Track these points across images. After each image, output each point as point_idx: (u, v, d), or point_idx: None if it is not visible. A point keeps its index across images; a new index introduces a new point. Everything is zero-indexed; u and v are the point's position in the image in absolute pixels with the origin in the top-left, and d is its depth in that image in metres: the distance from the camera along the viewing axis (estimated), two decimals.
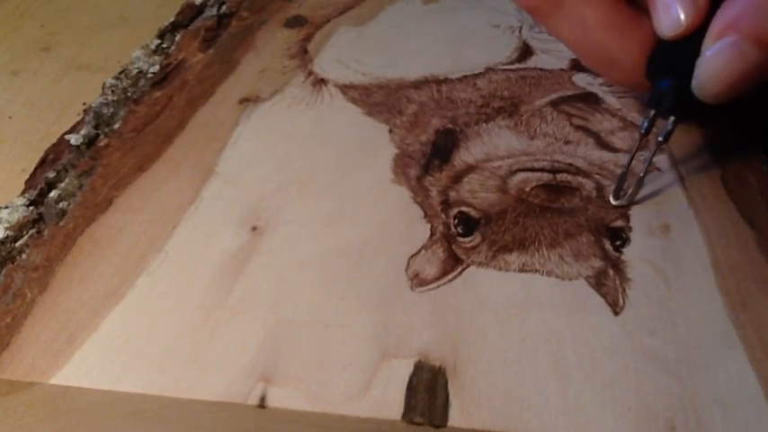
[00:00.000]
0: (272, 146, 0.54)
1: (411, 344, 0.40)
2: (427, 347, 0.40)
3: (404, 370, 0.38)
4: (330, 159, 0.53)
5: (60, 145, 0.53)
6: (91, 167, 0.50)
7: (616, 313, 0.40)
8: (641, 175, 0.48)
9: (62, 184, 0.49)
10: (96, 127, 0.54)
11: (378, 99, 0.57)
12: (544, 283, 0.44)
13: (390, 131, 0.53)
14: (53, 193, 0.48)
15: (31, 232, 0.46)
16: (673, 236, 0.46)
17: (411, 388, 0.37)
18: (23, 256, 0.44)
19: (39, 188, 0.49)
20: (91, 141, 0.54)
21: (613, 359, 0.39)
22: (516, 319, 0.41)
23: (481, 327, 0.40)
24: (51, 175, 0.51)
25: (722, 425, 0.37)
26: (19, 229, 0.46)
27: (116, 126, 0.54)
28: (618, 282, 0.42)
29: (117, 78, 0.59)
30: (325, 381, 0.38)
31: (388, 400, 0.38)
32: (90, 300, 0.42)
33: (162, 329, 0.41)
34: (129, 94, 0.57)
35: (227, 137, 0.53)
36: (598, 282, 0.42)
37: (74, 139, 0.53)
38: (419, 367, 0.38)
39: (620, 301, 0.41)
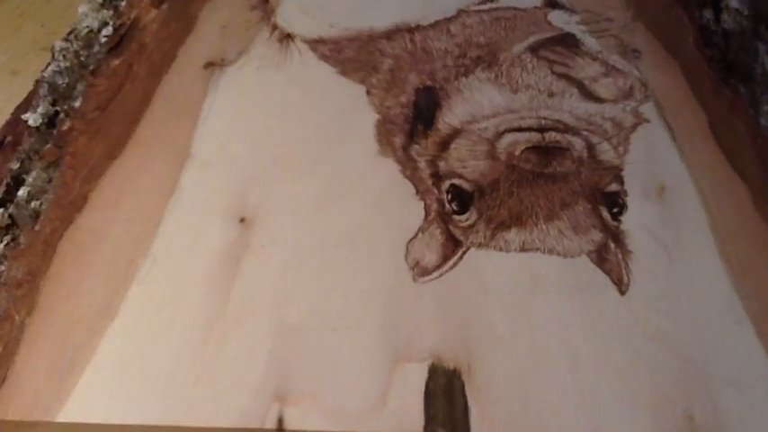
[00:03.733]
0: (247, 119, 0.51)
1: (422, 344, 0.39)
2: (439, 347, 0.39)
3: (418, 375, 0.37)
4: (310, 131, 0.50)
5: (17, 125, 0.48)
6: (57, 157, 0.46)
7: (622, 292, 0.39)
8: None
9: (30, 179, 0.45)
10: (54, 103, 0.49)
11: (350, 54, 0.54)
12: (546, 262, 0.43)
13: (368, 93, 0.51)
14: (22, 191, 0.44)
15: (5, 239, 0.42)
16: (668, 197, 0.44)
17: (428, 395, 0.36)
18: (1, 267, 0.40)
19: (5, 183, 0.46)
20: (50, 121, 0.49)
21: (625, 344, 0.39)
22: (524, 307, 0.41)
23: (490, 318, 0.38)
24: (15, 165, 0.46)
25: (737, 409, 0.37)
26: None
27: (76, 104, 0.49)
28: (620, 255, 0.41)
29: (66, 40, 0.54)
30: (340, 394, 0.37)
31: (407, 410, 0.37)
32: (83, 318, 0.40)
33: (164, 347, 0.39)
34: (81, 58, 0.52)
35: (197, 110, 0.50)
36: (600, 257, 0.41)
37: (32, 120, 0.49)
38: (434, 371, 0.37)
39: (625, 277, 0.40)
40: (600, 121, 0.48)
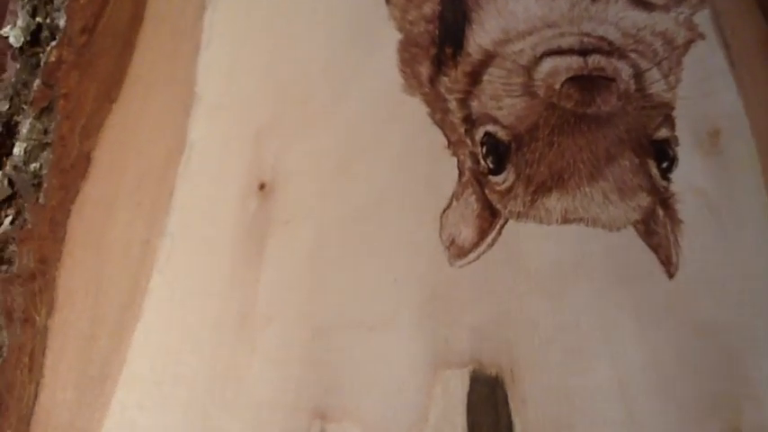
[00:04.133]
0: (253, 43, 0.45)
1: (461, 344, 0.38)
2: (479, 348, 0.38)
3: (460, 385, 0.35)
4: (324, 57, 0.44)
5: None
6: (50, 101, 0.40)
7: (671, 275, 0.37)
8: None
9: (24, 130, 0.40)
10: (33, 14, 0.42)
11: None
12: (590, 237, 0.40)
13: (387, 2, 0.43)
14: (18, 149, 0.39)
15: (9, 214, 0.38)
16: (723, 146, 0.40)
17: (471, 408, 0.35)
18: (8, 251, 0.37)
19: None
20: (33, 37, 0.42)
21: (671, 343, 0.38)
22: (567, 296, 0.38)
23: (531, 311, 0.36)
24: (4, 107, 0.41)
25: None
26: None
27: (60, 22, 0.43)
28: (669, 227, 0.37)
29: None
30: (381, 408, 0.36)
31: (451, 425, 0.36)
32: (106, 317, 0.38)
33: (195, 355, 0.38)
34: None
35: (197, 31, 0.43)
36: (648, 229, 0.38)
37: (13, 37, 0.43)
38: (475, 379, 0.36)
39: (674, 255, 0.37)
40: (650, 37, 0.42)
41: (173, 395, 0.35)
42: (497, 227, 0.38)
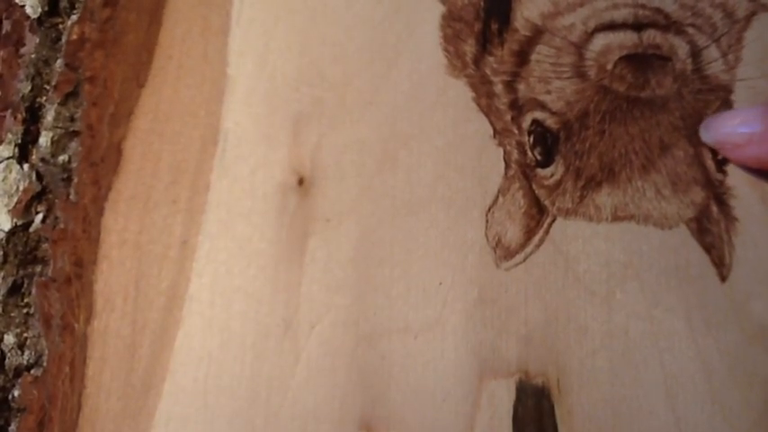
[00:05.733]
0: (287, 15, 0.40)
1: (508, 352, 0.35)
2: (526, 356, 0.35)
3: (506, 396, 0.33)
4: (363, 34, 0.40)
5: (13, 11, 0.37)
6: (75, 85, 0.36)
7: (723, 277, 0.33)
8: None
9: (49, 119, 0.36)
10: None
11: None
12: (642, 236, 0.36)
13: None
14: (44, 138, 0.35)
15: (40, 211, 0.35)
16: None
17: (517, 421, 0.32)
18: (41, 250, 0.34)
19: (21, 114, 0.38)
20: (52, 6, 0.38)
21: (723, 350, 0.35)
22: (616, 300, 0.36)
23: (579, 316, 0.33)
24: (26, 87, 0.36)
25: None
26: (25, 210, 0.34)
27: None
28: (723, 225, 0.34)
29: None
30: (427, 419, 0.34)
31: None
32: (147, 323, 0.36)
33: (239, 364, 0.35)
34: None
35: (228, 4, 0.37)
36: (701, 227, 0.34)
37: (30, 7, 0.38)
38: (521, 390, 0.33)
39: (727, 257, 0.33)
40: (709, 9, 0.37)
41: (217, 406, 0.32)
42: (545, 225, 0.34)
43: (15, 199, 0.36)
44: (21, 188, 0.37)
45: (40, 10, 0.40)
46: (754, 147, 0.33)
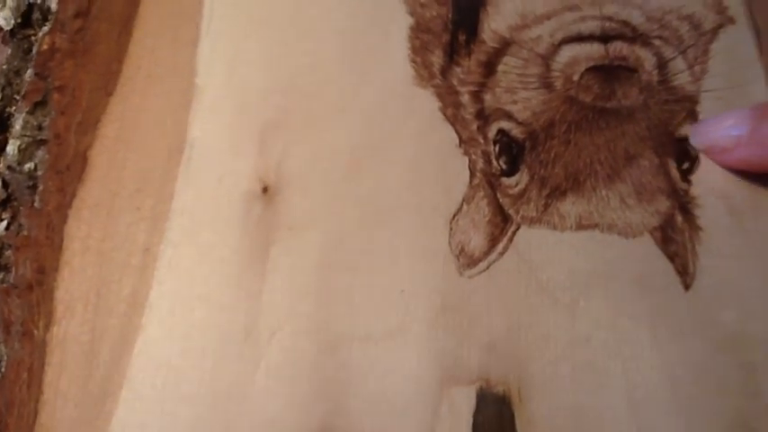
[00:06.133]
0: (257, 27, 0.40)
1: (469, 360, 0.35)
2: (487, 365, 0.34)
3: (466, 403, 0.32)
4: (332, 45, 0.40)
5: None
6: (44, 94, 0.36)
7: (687, 285, 0.32)
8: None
9: (17, 127, 0.35)
10: None
11: None
12: (606, 245, 0.36)
13: None
14: (11, 146, 0.35)
15: (4, 218, 0.34)
16: None
17: (477, 429, 0.31)
18: (4, 257, 0.34)
19: None
20: (24, 18, 0.37)
21: (687, 360, 0.34)
22: (580, 308, 0.35)
23: (542, 324, 0.33)
24: None
25: None
26: None
27: (52, 4, 0.37)
28: (687, 234, 0.33)
29: None
30: (387, 428, 0.33)
31: None
32: (106, 330, 0.35)
33: (199, 372, 0.35)
34: None
35: (197, 15, 0.37)
36: (665, 236, 0.34)
37: (2, 19, 0.38)
38: (482, 398, 0.32)
39: (691, 266, 0.33)
40: (676, 22, 0.37)
41: (175, 413, 0.32)
42: (509, 233, 0.34)
43: None
44: None
45: (12, 22, 0.40)
46: (741, 150, 0.33)
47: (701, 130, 0.35)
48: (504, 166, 0.36)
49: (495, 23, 0.39)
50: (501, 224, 0.36)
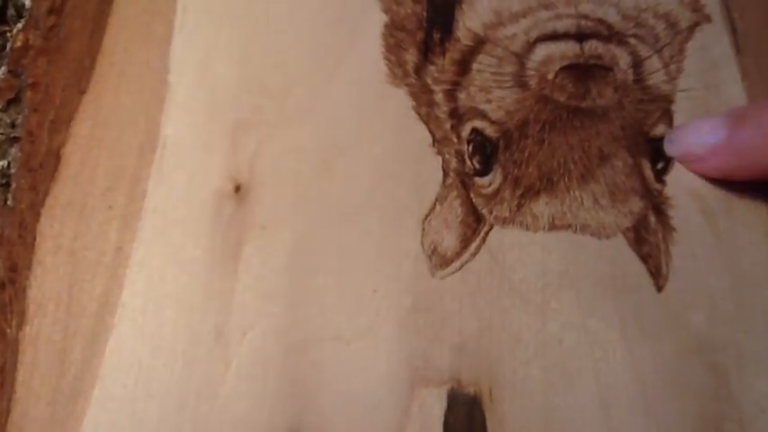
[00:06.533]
0: (228, 29, 0.40)
1: (441, 361, 0.34)
2: (458, 366, 0.34)
3: (437, 405, 0.32)
4: (306, 44, 0.40)
5: None
6: (17, 91, 0.36)
7: (659, 287, 0.32)
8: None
9: None
10: None
11: None
12: (578, 245, 0.36)
13: None
14: None
15: None
16: None
17: (448, 430, 0.31)
18: None
19: None
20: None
21: (658, 361, 0.34)
22: (551, 309, 0.35)
23: (514, 325, 0.33)
24: None
25: None
26: None
27: (26, 1, 0.37)
28: (660, 235, 0.33)
29: None
30: (358, 429, 0.33)
31: None
32: (79, 329, 0.35)
33: (170, 371, 0.35)
34: None
35: (170, 13, 0.37)
36: (638, 237, 0.33)
37: None
38: (453, 399, 0.32)
39: (663, 267, 0.33)
40: (652, 20, 0.37)
41: (145, 413, 0.32)
42: (482, 234, 0.34)
43: None
44: None
45: None
46: (716, 158, 0.33)
47: (675, 137, 0.35)
48: (477, 166, 0.36)
49: (470, 21, 0.38)
50: (474, 224, 0.35)
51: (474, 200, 0.36)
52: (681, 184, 0.36)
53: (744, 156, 0.33)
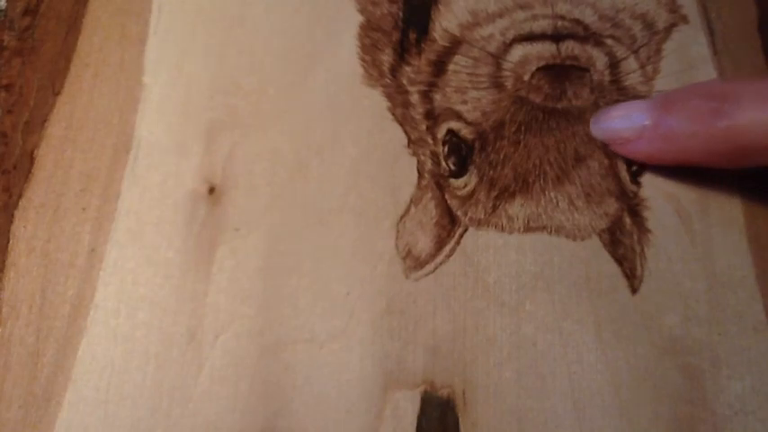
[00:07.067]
0: (203, 30, 0.40)
1: (414, 363, 0.34)
2: (432, 368, 0.34)
3: (410, 407, 0.32)
4: (281, 45, 0.39)
5: None
6: None
7: (634, 289, 0.32)
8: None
9: None
10: None
11: None
12: (553, 247, 0.36)
13: None
14: None
15: None
16: None
17: (421, 431, 0.31)
18: None
19: None
20: None
21: (632, 363, 0.34)
22: (526, 311, 0.35)
23: (488, 327, 0.33)
24: None
25: None
26: None
27: (0, 2, 0.37)
28: (636, 237, 0.33)
29: None
30: (331, 431, 0.33)
31: None
32: (51, 331, 0.35)
33: (142, 374, 0.35)
34: None
35: (146, 13, 0.37)
36: (613, 239, 0.33)
37: None
38: (426, 401, 0.32)
39: (638, 268, 0.32)
40: (629, 21, 0.36)
41: (117, 416, 0.32)
42: (456, 236, 0.33)
43: None
44: None
45: None
46: (644, 142, 0.33)
47: (601, 118, 0.35)
48: (452, 168, 0.36)
49: (446, 22, 0.38)
50: (448, 226, 0.35)
51: (449, 201, 0.36)
52: (656, 186, 0.36)
53: (671, 140, 0.33)
